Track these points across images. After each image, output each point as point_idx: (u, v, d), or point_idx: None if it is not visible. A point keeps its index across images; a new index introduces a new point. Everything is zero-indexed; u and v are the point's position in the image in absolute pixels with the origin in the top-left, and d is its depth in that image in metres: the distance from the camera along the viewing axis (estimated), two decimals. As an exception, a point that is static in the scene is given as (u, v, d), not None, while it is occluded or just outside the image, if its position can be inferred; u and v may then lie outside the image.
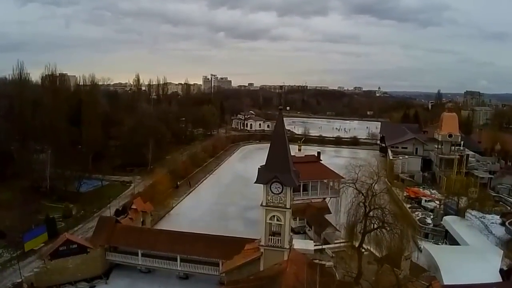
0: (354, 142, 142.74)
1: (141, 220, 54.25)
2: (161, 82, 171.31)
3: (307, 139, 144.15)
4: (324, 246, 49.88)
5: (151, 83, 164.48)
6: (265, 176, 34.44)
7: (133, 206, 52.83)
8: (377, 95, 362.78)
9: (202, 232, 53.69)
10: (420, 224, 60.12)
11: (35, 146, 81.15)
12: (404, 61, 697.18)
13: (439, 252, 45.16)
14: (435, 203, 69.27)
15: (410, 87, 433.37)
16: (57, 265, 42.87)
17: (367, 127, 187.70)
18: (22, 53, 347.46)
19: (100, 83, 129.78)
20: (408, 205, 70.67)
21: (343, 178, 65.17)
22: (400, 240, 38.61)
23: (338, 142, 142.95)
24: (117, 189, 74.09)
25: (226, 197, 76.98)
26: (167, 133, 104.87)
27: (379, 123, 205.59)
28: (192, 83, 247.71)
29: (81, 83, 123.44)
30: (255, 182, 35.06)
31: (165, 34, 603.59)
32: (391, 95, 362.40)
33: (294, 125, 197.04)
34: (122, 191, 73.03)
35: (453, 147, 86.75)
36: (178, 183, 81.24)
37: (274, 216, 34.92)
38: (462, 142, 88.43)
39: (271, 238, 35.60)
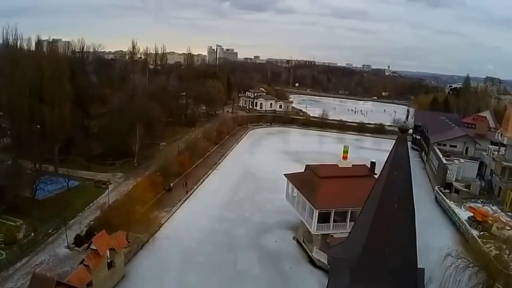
0: (379, 130, 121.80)
1: (108, 261, 35.97)
2: (161, 51, 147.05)
3: (325, 124, 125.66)
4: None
5: (148, 51, 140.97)
6: None
7: (93, 247, 33.67)
8: (386, 74, 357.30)
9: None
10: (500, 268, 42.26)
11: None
12: (412, 40, 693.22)
13: None
14: (508, 230, 51.29)
15: (417, 67, 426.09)
16: None
17: (385, 110, 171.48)
18: (24, 18, 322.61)
19: (92, 49, 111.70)
20: (475, 232, 52.84)
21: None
22: None
23: (360, 128, 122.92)
24: (89, 193, 55.01)
25: (233, 208, 58.69)
26: (162, 114, 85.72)
27: (396, 105, 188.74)
28: (196, 53, 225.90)
29: (73, 50, 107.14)
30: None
31: (169, 1, 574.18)
32: (400, 74, 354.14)
33: (305, 104, 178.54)
34: (95, 197, 54.02)
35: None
36: (171, 184, 62.88)
37: None
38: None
39: None
